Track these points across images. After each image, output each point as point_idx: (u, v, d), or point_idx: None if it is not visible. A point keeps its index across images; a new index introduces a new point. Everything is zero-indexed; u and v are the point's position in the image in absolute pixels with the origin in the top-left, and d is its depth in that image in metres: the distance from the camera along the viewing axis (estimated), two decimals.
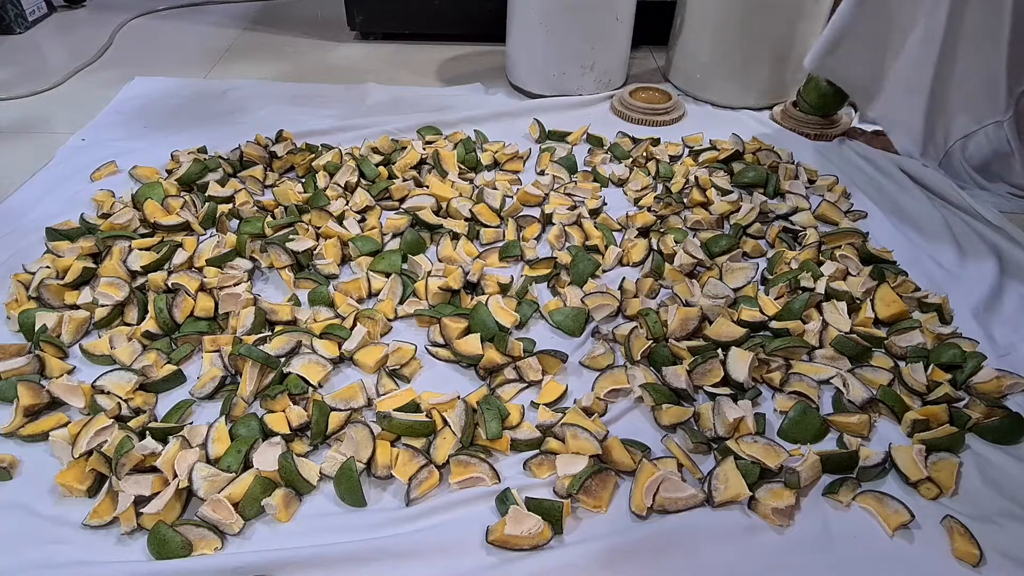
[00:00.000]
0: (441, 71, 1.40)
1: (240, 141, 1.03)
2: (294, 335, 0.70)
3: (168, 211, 0.86)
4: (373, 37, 1.55)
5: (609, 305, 0.76)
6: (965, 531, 0.55)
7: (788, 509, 0.56)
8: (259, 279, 0.81)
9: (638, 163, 1.04)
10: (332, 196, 0.91)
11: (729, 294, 0.77)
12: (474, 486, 0.59)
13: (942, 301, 0.76)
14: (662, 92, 1.23)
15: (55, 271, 0.77)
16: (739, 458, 0.59)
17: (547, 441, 0.62)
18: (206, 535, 0.54)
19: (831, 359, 0.70)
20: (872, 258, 0.84)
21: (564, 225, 0.88)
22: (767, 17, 1.13)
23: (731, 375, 0.67)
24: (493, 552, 0.54)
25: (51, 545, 0.54)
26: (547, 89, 1.26)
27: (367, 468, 0.60)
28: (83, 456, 0.58)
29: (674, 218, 0.91)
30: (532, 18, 1.18)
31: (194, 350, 0.71)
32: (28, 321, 0.71)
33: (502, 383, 0.68)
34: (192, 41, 1.52)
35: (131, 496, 0.55)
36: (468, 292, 0.78)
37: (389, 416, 0.61)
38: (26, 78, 1.30)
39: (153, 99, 1.23)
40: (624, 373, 0.68)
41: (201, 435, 0.60)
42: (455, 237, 0.87)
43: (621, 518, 0.57)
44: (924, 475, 0.58)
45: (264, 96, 1.25)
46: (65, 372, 0.68)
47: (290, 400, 0.64)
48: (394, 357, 0.70)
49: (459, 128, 1.13)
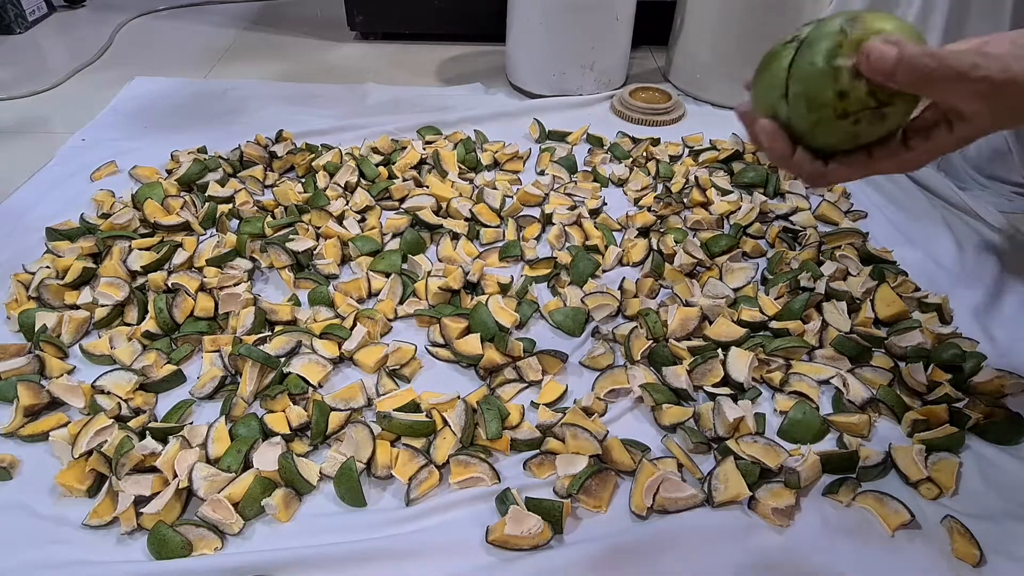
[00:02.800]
0: (441, 71, 1.40)
1: (240, 141, 1.03)
2: (294, 335, 0.70)
3: (168, 211, 0.86)
4: (373, 37, 1.55)
5: (609, 305, 0.76)
6: (965, 531, 0.55)
7: (788, 509, 0.56)
8: (259, 279, 0.81)
9: (638, 163, 1.04)
10: (332, 196, 0.91)
11: (729, 294, 0.77)
12: (474, 486, 0.59)
13: (942, 301, 0.76)
14: (662, 92, 1.23)
15: (55, 271, 0.77)
16: (739, 458, 0.59)
17: (547, 441, 0.62)
18: (206, 535, 0.54)
19: (831, 359, 0.70)
20: (872, 258, 0.84)
21: (564, 225, 0.88)
22: (767, 17, 1.13)
23: (731, 375, 0.67)
24: (493, 552, 0.54)
25: (51, 545, 0.54)
26: (547, 89, 1.26)
27: (367, 468, 0.60)
28: (83, 456, 0.58)
29: (674, 218, 0.91)
30: (532, 18, 1.18)
31: (194, 350, 0.71)
32: (28, 321, 0.71)
33: (502, 383, 0.68)
34: (192, 41, 1.52)
35: (131, 496, 0.55)
36: (468, 292, 0.78)
37: (389, 416, 0.61)
38: (26, 78, 1.30)
39: (153, 99, 1.23)
40: (624, 373, 0.68)
41: (201, 435, 0.60)
42: (455, 237, 0.87)
43: (621, 518, 0.57)
44: (924, 475, 0.58)
45: (264, 96, 1.25)
46: (65, 372, 0.68)
47: (290, 400, 0.64)
48: (394, 357, 0.70)
49: (459, 128, 1.13)
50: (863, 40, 0.40)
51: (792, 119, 0.44)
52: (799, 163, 0.46)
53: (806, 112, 0.42)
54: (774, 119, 0.45)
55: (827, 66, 0.40)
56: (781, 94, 0.43)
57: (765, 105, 0.45)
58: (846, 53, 0.40)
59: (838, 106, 0.41)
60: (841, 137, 0.43)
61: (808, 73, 0.41)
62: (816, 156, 0.45)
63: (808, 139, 0.44)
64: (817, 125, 0.42)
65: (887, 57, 0.38)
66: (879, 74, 0.39)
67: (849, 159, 0.45)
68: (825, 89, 0.41)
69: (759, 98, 0.46)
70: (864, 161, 0.45)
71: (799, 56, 0.42)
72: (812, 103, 0.42)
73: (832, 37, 0.41)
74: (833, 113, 0.41)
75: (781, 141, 0.45)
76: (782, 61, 0.43)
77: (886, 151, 0.44)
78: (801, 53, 0.42)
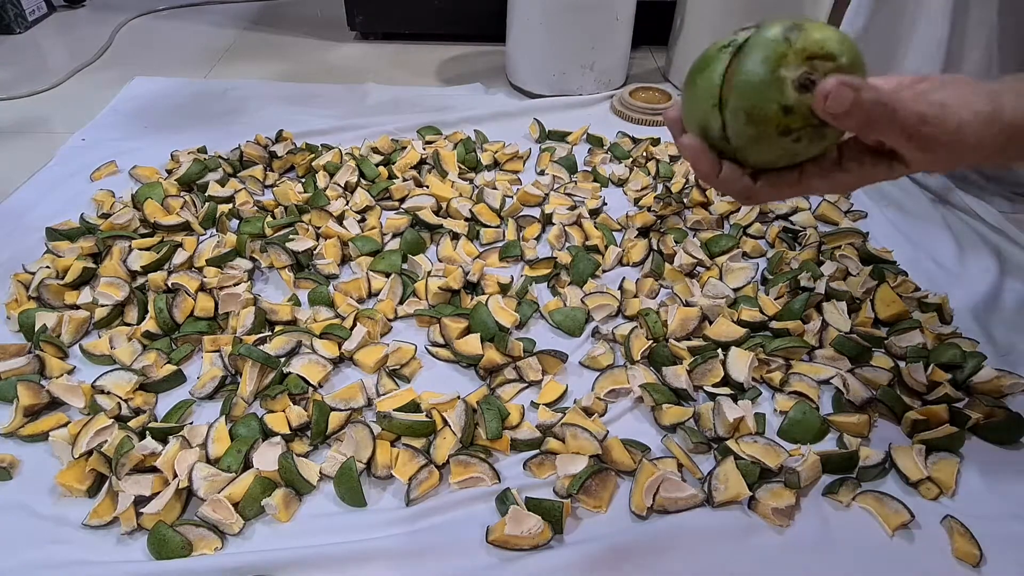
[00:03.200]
0: (441, 71, 1.40)
1: (240, 141, 1.03)
2: (294, 335, 0.70)
3: (168, 211, 0.86)
4: (373, 37, 1.55)
5: (609, 305, 0.76)
6: (965, 531, 0.55)
7: (788, 509, 0.56)
8: (259, 279, 0.81)
9: (638, 163, 1.04)
10: (332, 196, 0.91)
11: (729, 294, 0.77)
12: (474, 486, 0.59)
13: (942, 301, 0.76)
14: (662, 92, 1.23)
15: (55, 271, 0.77)
16: (739, 458, 0.59)
17: (547, 441, 0.62)
18: (206, 535, 0.54)
19: (831, 359, 0.70)
20: (872, 258, 0.84)
21: (564, 225, 0.88)
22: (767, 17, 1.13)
23: (731, 375, 0.67)
24: (493, 552, 0.54)
25: (51, 545, 0.54)
26: (547, 89, 1.26)
27: (367, 468, 0.60)
28: (83, 456, 0.58)
29: (674, 218, 0.91)
30: (532, 18, 1.18)
31: (194, 350, 0.71)
32: (28, 321, 0.71)
33: (502, 383, 0.68)
34: (192, 41, 1.52)
35: (131, 496, 0.55)
36: (468, 292, 0.78)
37: (389, 416, 0.61)
38: (26, 78, 1.30)
39: (153, 99, 1.23)
40: (624, 373, 0.68)
41: (201, 435, 0.60)
42: (455, 237, 0.87)
43: (621, 518, 0.57)
44: (924, 475, 0.58)
45: (264, 96, 1.25)
46: (65, 372, 0.68)
47: (290, 400, 0.64)
48: (394, 357, 0.70)
49: (459, 128, 1.13)
50: (808, 51, 0.38)
51: (727, 132, 0.40)
52: (726, 181, 0.43)
53: (745, 126, 0.39)
54: (704, 131, 0.42)
55: (771, 77, 0.38)
56: (714, 103, 0.40)
57: (697, 114, 0.42)
58: (791, 64, 0.38)
59: (781, 122, 0.38)
60: (779, 154, 0.41)
61: (750, 84, 0.38)
62: (744, 171, 0.43)
63: (742, 154, 0.41)
64: (756, 141, 0.40)
65: (843, 101, 0.36)
66: (830, 115, 0.37)
67: (780, 177, 0.43)
68: (769, 103, 0.38)
69: (690, 106, 0.43)
70: (795, 179, 0.43)
71: (738, 63, 0.39)
72: (753, 117, 0.39)
73: (774, 46, 0.38)
74: (776, 129, 0.39)
75: (706, 159, 0.43)
76: (716, 66, 0.40)
77: (818, 170, 0.42)
78: (740, 60, 0.39)
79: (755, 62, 0.38)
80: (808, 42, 0.38)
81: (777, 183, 0.43)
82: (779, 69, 0.38)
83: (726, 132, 0.41)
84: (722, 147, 0.42)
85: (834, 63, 0.38)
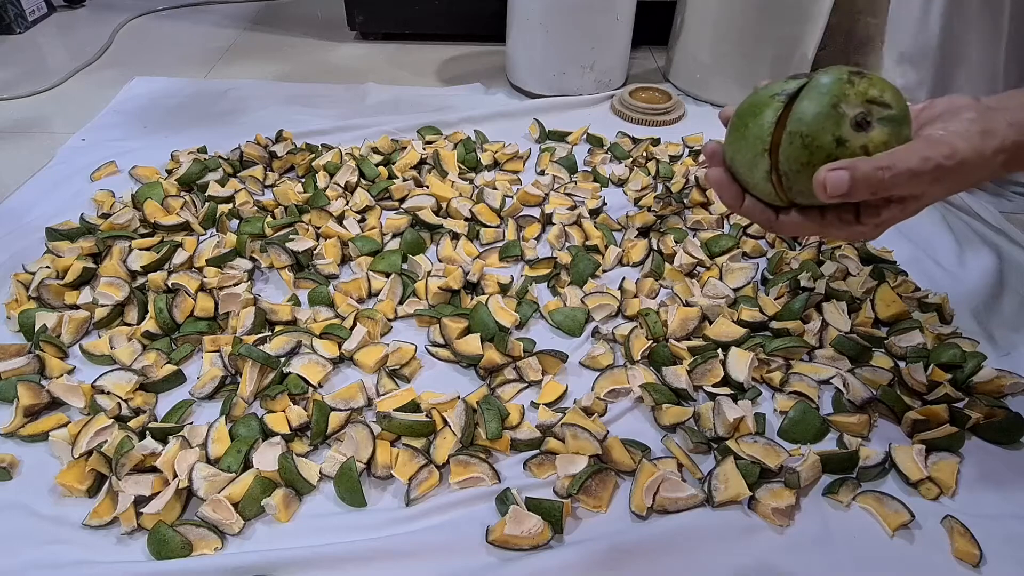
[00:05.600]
0: (441, 71, 1.40)
1: (240, 141, 1.03)
2: (294, 335, 0.70)
3: (168, 211, 0.86)
4: (373, 37, 1.55)
5: (609, 305, 0.76)
6: (965, 531, 0.55)
7: (788, 509, 0.56)
8: (259, 279, 0.81)
9: (638, 163, 1.04)
10: (332, 196, 0.91)
11: (729, 294, 0.77)
12: (474, 486, 0.59)
13: (942, 301, 0.76)
14: (662, 92, 1.23)
15: (55, 271, 0.77)
16: (739, 458, 0.59)
17: (547, 441, 0.62)
18: (206, 535, 0.54)
19: (831, 359, 0.70)
20: (872, 258, 0.84)
21: (564, 225, 0.88)
22: (767, 17, 1.13)
23: (731, 375, 0.67)
24: (493, 552, 0.54)
25: (51, 545, 0.54)
26: (547, 89, 1.26)
27: (367, 468, 0.60)
28: (83, 456, 0.58)
29: (674, 218, 0.91)
30: (532, 18, 1.18)
31: (194, 350, 0.71)
32: (28, 321, 0.71)
33: (502, 383, 0.68)
34: (192, 41, 1.52)
35: (131, 496, 0.55)
36: (468, 292, 0.78)
37: (389, 416, 0.61)
38: (26, 78, 1.30)
39: (153, 99, 1.23)
40: (624, 373, 0.68)
41: (201, 435, 0.60)
42: (455, 237, 0.87)
43: (621, 518, 0.57)
44: (924, 475, 0.58)
45: (264, 96, 1.25)
46: (65, 372, 0.68)
47: (290, 400, 0.64)
48: (394, 357, 0.70)
49: (459, 128, 1.13)
50: (867, 95, 0.42)
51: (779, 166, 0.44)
52: (749, 211, 0.48)
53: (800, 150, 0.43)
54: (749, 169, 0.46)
55: (831, 110, 0.42)
56: (764, 148, 0.44)
57: (746, 154, 0.46)
58: (851, 102, 0.42)
59: (833, 152, 0.42)
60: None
61: (810, 113, 0.42)
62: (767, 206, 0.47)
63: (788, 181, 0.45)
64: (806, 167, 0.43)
65: (842, 183, 0.41)
66: (837, 197, 0.41)
67: (804, 214, 0.47)
68: (825, 133, 0.42)
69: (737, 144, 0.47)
70: (817, 221, 0.46)
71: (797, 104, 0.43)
72: (808, 143, 0.42)
73: (839, 83, 0.42)
74: (825, 160, 0.42)
75: (729, 191, 0.48)
76: (768, 112, 0.44)
77: (838, 218, 0.46)
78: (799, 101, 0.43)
79: (818, 94, 0.43)
80: (869, 87, 0.42)
81: (800, 219, 0.47)
82: (840, 104, 0.42)
83: (774, 172, 0.45)
84: (761, 188, 0.46)
85: (887, 110, 0.42)
